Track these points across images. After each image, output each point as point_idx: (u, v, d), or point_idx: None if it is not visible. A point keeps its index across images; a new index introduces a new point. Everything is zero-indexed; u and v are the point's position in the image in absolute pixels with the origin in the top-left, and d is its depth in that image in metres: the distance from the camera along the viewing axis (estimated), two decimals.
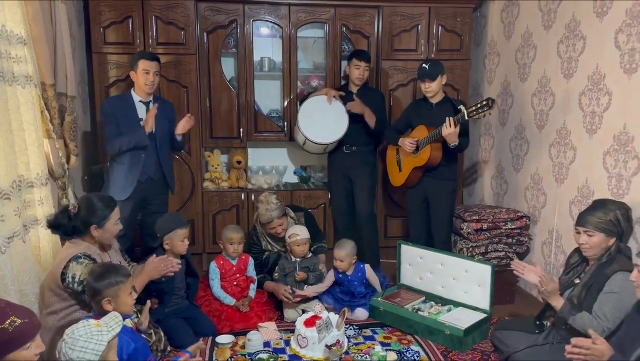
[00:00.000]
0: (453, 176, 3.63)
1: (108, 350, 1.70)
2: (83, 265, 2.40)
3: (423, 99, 3.59)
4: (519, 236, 3.68)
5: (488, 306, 3.16)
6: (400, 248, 3.57)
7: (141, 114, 3.36)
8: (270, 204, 3.44)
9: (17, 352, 1.45)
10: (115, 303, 2.15)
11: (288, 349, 2.97)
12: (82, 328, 1.71)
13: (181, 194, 4.20)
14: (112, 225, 2.60)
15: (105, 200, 2.60)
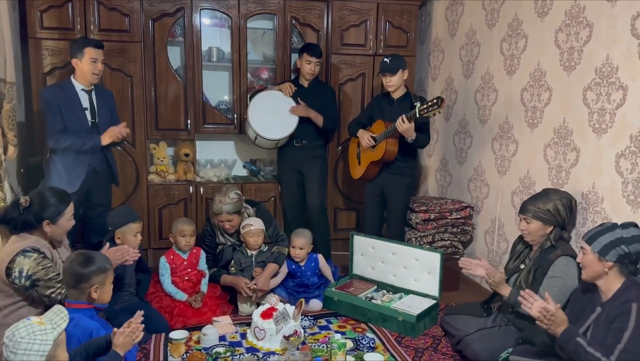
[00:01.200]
0: (411, 171, 3.71)
1: (55, 347, 1.60)
2: (32, 259, 2.27)
3: (386, 94, 3.65)
4: (463, 226, 3.85)
5: (437, 292, 3.29)
6: (353, 238, 3.63)
7: (84, 102, 3.21)
8: (226, 197, 3.37)
9: None
10: (101, 291, 2.08)
11: (244, 342, 2.94)
12: (24, 329, 1.57)
13: (125, 187, 4.04)
14: (65, 221, 2.48)
15: (60, 195, 2.47)
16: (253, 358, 2.74)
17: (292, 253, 3.48)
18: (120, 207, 3.17)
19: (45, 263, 2.31)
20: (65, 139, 3.09)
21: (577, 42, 2.85)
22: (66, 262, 2.16)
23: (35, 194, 2.44)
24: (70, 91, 3.17)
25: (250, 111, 3.88)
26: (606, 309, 2.11)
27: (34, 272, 2.27)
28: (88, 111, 3.20)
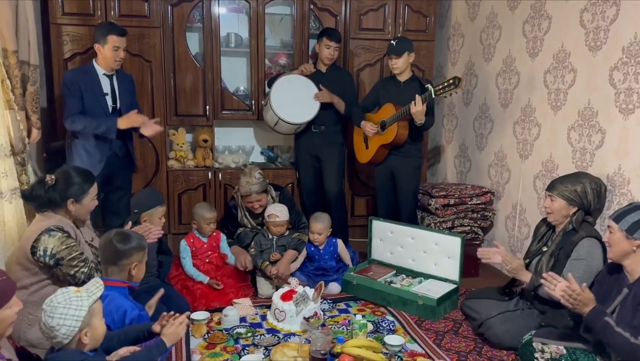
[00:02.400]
0: (419, 153, 3.71)
1: (91, 315, 1.62)
2: (56, 238, 2.30)
3: (392, 77, 3.64)
4: (484, 211, 3.81)
5: (458, 277, 3.26)
6: (372, 223, 3.62)
7: (105, 87, 3.23)
8: (252, 178, 3.39)
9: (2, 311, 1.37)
10: (138, 268, 2.11)
11: (265, 323, 2.95)
12: (61, 295, 1.61)
13: (145, 173, 4.08)
14: (89, 201, 2.50)
15: (85, 174, 2.49)
16: (274, 338, 2.75)
17: (311, 237, 3.48)
18: (147, 190, 3.18)
19: (69, 242, 2.34)
20: (81, 120, 3.09)
21: (604, 21, 2.79)
22: (104, 240, 2.18)
23: (61, 173, 2.46)
24: (92, 75, 3.19)
25: (272, 94, 3.84)
26: (633, 290, 2.07)
27: (58, 251, 2.30)
28: (109, 96, 3.21)
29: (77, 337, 1.60)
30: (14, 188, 2.55)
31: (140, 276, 2.18)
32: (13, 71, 2.65)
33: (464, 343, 2.79)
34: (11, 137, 2.77)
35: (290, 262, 3.42)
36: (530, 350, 2.34)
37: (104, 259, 2.15)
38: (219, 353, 2.61)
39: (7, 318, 1.40)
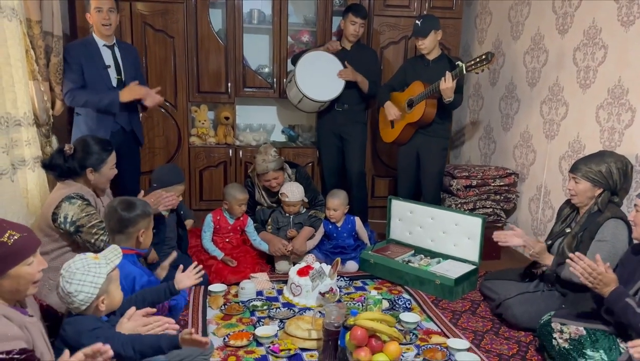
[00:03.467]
0: (446, 134, 3.65)
1: (108, 282, 1.64)
2: (76, 205, 2.33)
3: (420, 56, 3.56)
4: (507, 193, 3.73)
5: (477, 258, 3.21)
6: (391, 203, 3.58)
7: (107, 60, 3.10)
8: (268, 156, 3.39)
9: (19, 267, 1.39)
10: (145, 235, 2.12)
11: (281, 297, 2.97)
12: (80, 261, 1.62)
13: (167, 149, 4.12)
14: (108, 170, 2.51)
15: (103, 143, 2.50)
16: (289, 312, 2.76)
17: (327, 213, 3.47)
18: (169, 166, 3.16)
19: (89, 210, 2.36)
20: (82, 95, 2.99)
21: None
22: (108, 209, 2.18)
23: (79, 142, 2.49)
24: (93, 46, 3.06)
25: (297, 70, 3.78)
26: None
27: (78, 218, 2.33)
28: (112, 68, 3.11)
29: (95, 304, 1.62)
30: (36, 157, 2.60)
31: (148, 243, 2.19)
32: (37, 41, 2.68)
33: (481, 323, 2.75)
34: (35, 108, 2.82)
35: (307, 239, 3.42)
36: (548, 330, 2.29)
37: (109, 228, 2.15)
38: (234, 323, 2.64)
39: (27, 275, 1.42)
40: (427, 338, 2.56)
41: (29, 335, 1.40)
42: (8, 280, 1.39)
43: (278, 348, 2.39)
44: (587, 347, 2.12)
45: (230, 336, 2.47)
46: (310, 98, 3.78)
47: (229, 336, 2.47)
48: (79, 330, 1.57)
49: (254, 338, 2.46)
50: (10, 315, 1.36)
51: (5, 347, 1.30)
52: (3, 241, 1.36)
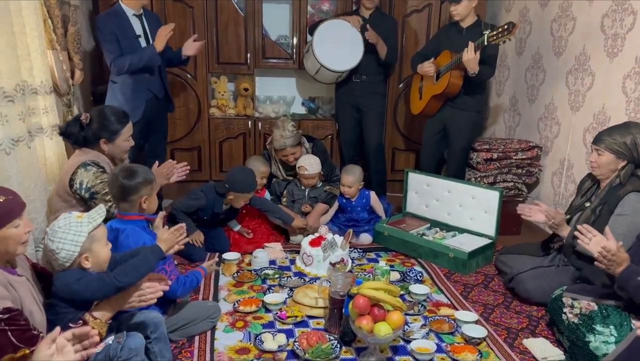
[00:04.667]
0: (477, 106, 3.52)
1: (91, 241, 1.67)
2: (91, 173, 2.39)
3: (454, 23, 3.45)
4: (529, 167, 3.63)
5: (494, 232, 3.15)
6: (408, 175, 3.54)
7: (137, 29, 3.15)
8: (285, 131, 3.36)
9: (6, 229, 1.44)
10: (149, 202, 2.15)
11: (293, 267, 3.00)
12: (63, 220, 1.66)
13: (187, 120, 4.17)
14: (122, 141, 2.54)
15: (119, 115, 2.52)
16: (299, 281, 2.79)
17: (342, 190, 3.44)
18: (247, 173, 3.08)
19: (103, 178, 2.41)
20: (124, 60, 3.05)
21: None
22: (110, 177, 2.20)
23: (96, 112, 2.52)
24: (123, 16, 3.10)
25: (315, 40, 3.72)
26: None
27: (93, 185, 2.39)
28: (142, 38, 3.16)
29: (77, 261, 1.66)
30: (54, 125, 2.67)
31: (153, 209, 2.20)
32: (54, 10, 2.72)
33: (492, 296, 2.72)
34: (55, 78, 2.88)
35: (321, 215, 3.42)
36: (559, 305, 2.24)
37: (113, 196, 2.17)
38: (245, 290, 2.68)
39: (14, 237, 1.47)
40: (435, 310, 2.54)
41: (16, 294, 1.45)
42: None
43: (285, 314, 2.42)
44: (597, 323, 2.06)
45: (240, 302, 2.52)
46: (328, 68, 3.73)
47: (238, 303, 2.51)
48: (67, 281, 1.62)
49: (263, 305, 2.50)
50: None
51: None
52: None
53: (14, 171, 2.21)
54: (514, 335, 2.35)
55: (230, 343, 2.21)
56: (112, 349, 1.67)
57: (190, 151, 4.23)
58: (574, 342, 2.11)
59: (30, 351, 1.41)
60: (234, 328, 2.33)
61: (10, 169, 2.18)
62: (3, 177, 2.13)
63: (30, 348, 1.41)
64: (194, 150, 4.23)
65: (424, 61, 3.56)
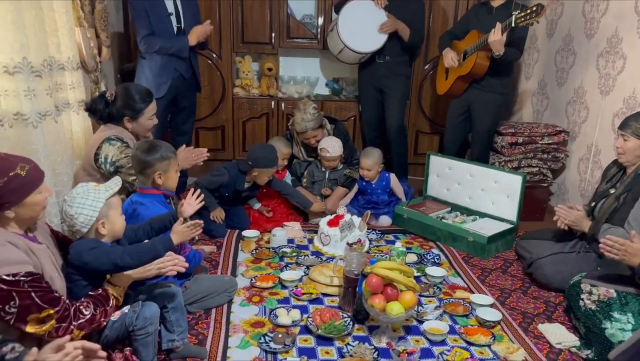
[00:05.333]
0: (503, 89, 3.45)
1: (108, 208, 1.74)
2: (115, 147, 2.45)
3: (485, 2, 3.38)
4: (555, 152, 3.55)
5: (515, 217, 3.11)
6: (430, 158, 3.51)
7: (169, 7, 3.22)
8: (306, 114, 3.35)
9: (33, 196, 1.51)
10: (165, 177, 2.21)
11: (311, 246, 3.02)
12: (81, 188, 1.74)
13: (212, 99, 4.20)
14: (145, 120, 2.59)
15: (143, 94, 2.57)
16: (316, 260, 2.82)
17: (361, 173, 3.43)
18: (268, 149, 3.14)
19: (127, 152, 2.46)
20: (156, 42, 3.13)
21: None
22: (133, 150, 2.29)
23: (121, 90, 2.58)
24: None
25: (340, 19, 3.68)
26: None
27: (117, 159, 2.45)
28: (173, 16, 3.23)
29: (95, 227, 1.72)
30: (81, 101, 2.73)
31: (170, 185, 2.25)
32: None
33: (510, 281, 2.69)
34: (83, 55, 2.94)
35: (340, 199, 3.43)
36: (577, 291, 2.21)
37: (133, 168, 2.26)
38: (263, 267, 2.73)
39: (40, 202, 1.54)
40: (451, 292, 2.54)
41: (37, 260, 1.51)
42: (25, 208, 1.50)
43: (300, 291, 2.45)
44: (615, 310, 2.03)
45: (257, 278, 2.57)
46: (351, 49, 3.69)
47: (256, 278, 2.56)
48: (80, 250, 1.68)
49: (279, 281, 2.54)
50: (16, 241, 1.48)
51: (11, 270, 1.42)
52: (17, 173, 1.46)
53: (41, 144, 2.28)
54: (530, 319, 2.34)
55: (246, 316, 2.26)
56: (128, 317, 1.73)
57: (214, 130, 4.28)
58: (590, 328, 2.08)
59: (54, 311, 1.48)
60: (250, 302, 2.38)
61: (37, 142, 2.25)
62: (30, 149, 2.20)
63: (54, 308, 1.48)
64: (218, 129, 4.28)
65: (452, 41, 3.50)
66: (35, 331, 1.45)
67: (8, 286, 1.41)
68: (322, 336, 2.11)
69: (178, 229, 1.90)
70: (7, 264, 1.41)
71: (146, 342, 1.76)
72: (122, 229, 1.81)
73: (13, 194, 1.46)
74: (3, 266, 1.41)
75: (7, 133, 2.12)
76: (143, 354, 1.75)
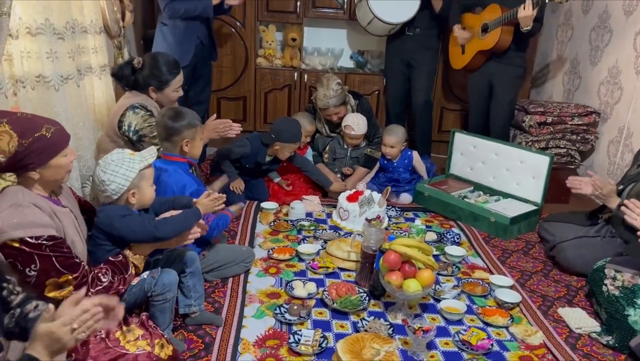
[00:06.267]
0: (522, 62, 3.38)
1: (140, 178, 1.72)
2: (139, 116, 2.42)
3: None
4: (585, 134, 3.44)
5: (540, 198, 3.03)
6: (454, 136, 3.42)
7: None
8: (329, 90, 3.26)
9: (58, 157, 1.50)
10: (191, 145, 2.20)
11: (329, 220, 3.00)
12: (116, 154, 1.73)
13: (234, 69, 4.16)
14: (171, 92, 2.55)
15: (171, 65, 2.51)
16: (334, 234, 2.80)
17: (384, 150, 3.36)
18: (293, 123, 3.09)
19: (151, 121, 2.43)
20: (179, 5, 3.05)
21: None
22: (158, 116, 2.27)
23: (149, 58, 2.52)
24: None
25: None
26: None
27: (141, 127, 2.43)
28: None
29: (125, 196, 1.71)
30: (103, 65, 2.72)
31: (195, 153, 2.25)
32: None
33: (531, 263, 2.64)
34: (106, 18, 2.91)
35: (360, 180, 3.37)
36: (600, 276, 2.15)
37: (158, 135, 2.24)
38: (280, 239, 2.72)
39: (65, 165, 1.53)
40: (470, 272, 2.50)
41: (60, 224, 1.51)
42: (50, 170, 1.49)
43: (317, 265, 2.44)
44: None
45: (275, 250, 2.56)
46: (382, 19, 3.58)
47: (273, 250, 2.56)
48: (111, 216, 1.68)
49: (296, 254, 2.53)
50: (40, 203, 1.47)
51: (35, 233, 1.42)
52: (42, 135, 1.45)
53: (63, 108, 2.28)
54: (550, 303, 2.29)
55: (262, 287, 2.26)
56: (146, 283, 1.74)
57: (236, 101, 4.25)
58: (612, 315, 2.03)
59: (72, 277, 1.48)
60: (266, 273, 2.38)
61: (59, 105, 2.25)
62: (52, 112, 2.19)
63: (73, 274, 1.49)
64: (240, 100, 4.25)
65: (463, 13, 3.40)
66: (54, 296, 1.46)
67: (30, 248, 1.41)
68: (338, 310, 2.10)
69: (203, 201, 1.91)
70: (30, 226, 1.41)
71: (164, 308, 1.77)
72: (151, 200, 1.81)
73: (38, 155, 1.45)
74: (27, 228, 1.41)
75: (29, 95, 2.11)
76: (160, 319, 1.77)
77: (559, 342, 2.01)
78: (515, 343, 2.00)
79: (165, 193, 2.12)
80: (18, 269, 1.42)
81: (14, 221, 1.40)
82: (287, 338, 1.91)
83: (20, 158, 1.42)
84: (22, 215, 1.41)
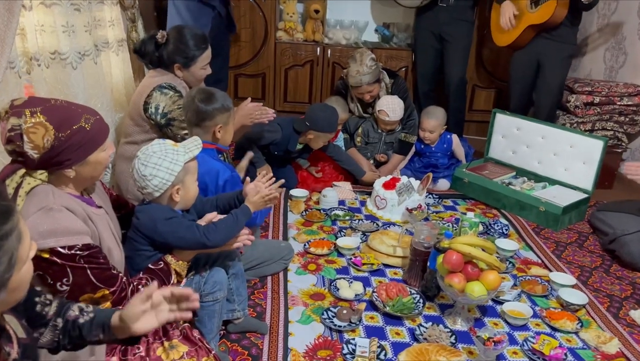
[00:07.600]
0: (574, 40, 3.14)
1: (185, 172, 1.50)
2: (168, 96, 2.17)
3: None
4: (634, 115, 3.21)
5: (591, 185, 2.82)
6: (495, 117, 3.18)
7: None
8: (362, 66, 3.00)
9: (97, 153, 1.27)
10: (224, 131, 1.96)
11: (364, 209, 2.79)
12: (157, 145, 1.48)
13: (253, 43, 3.89)
14: (198, 69, 2.28)
15: (198, 39, 2.24)
16: (372, 225, 2.59)
17: (421, 134, 3.11)
18: (329, 112, 2.82)
19: (181, 103, 2.16)
20: None
21: None
22: (187, 98, 2.00)
23: (174, 32, 2.25)
24: None
25: None
26: None
27: (170, 110, 2.17)
28: None
29: (169, 193, 1.49)
30: (120, 40, 2.46)
31: (228, 140, 2.01)
32: None
33: (589, 258, 2.44)
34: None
35: (395, 168, 3.15)
36: None
37: (187, 120, 1.98)
38: (315, 231, 2.52)
39: (103, 161, 1.30)
40: (525, 268, 2.30)
41: (95, 229, 1.29)
42: (87, 167, 1.27)
43: (360, 261, 2.24)
44: None
45: (311, 243, 2.36)
46: None
47: (309, 243, 2.35)
48: (154, 217, 1.46)
49: (335, 248, 2.33)
50: (73, 206, 1.25)
51: (67, 242, 1.20)
52: (82, 126, 1.22)
53: (81, 88, 2.05)
54: (618, 303, 2.10)
55: (304, 286, 2.06)
56: (194, 282, 1.55)
57: (254, 78, 3.99)
58: None
59: (110, 292, 1.27)
60: (306, 270, 2.18)
61: (77, 85, 2.01)
62: (70, 93, 1.96)
63: (110, 288, 1.27)
64: (259, 76, 3.99)
65: None
66: None
67: (62, 260, 1.20)
68: (390, 314, 1.91)
69: (254, 199, 1.68)
70: (63, 234, 1.19)
71: (212, 311, 1.58)
72: (194, 197, 1.58)
73: (76, 150, 1.22)
74: (59, 237, 1.19)
75: (44, 74, 1.87)
76: (207, 326, 1.58)
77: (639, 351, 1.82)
78: (589, 351, 1.81)
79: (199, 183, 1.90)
80: (47, 283, 1.21)
81: (43, 228, 1.18)
82: (339, 348, 1.72)
83: (56, 154, 1.20)
84: (53, 221, 1.19)
